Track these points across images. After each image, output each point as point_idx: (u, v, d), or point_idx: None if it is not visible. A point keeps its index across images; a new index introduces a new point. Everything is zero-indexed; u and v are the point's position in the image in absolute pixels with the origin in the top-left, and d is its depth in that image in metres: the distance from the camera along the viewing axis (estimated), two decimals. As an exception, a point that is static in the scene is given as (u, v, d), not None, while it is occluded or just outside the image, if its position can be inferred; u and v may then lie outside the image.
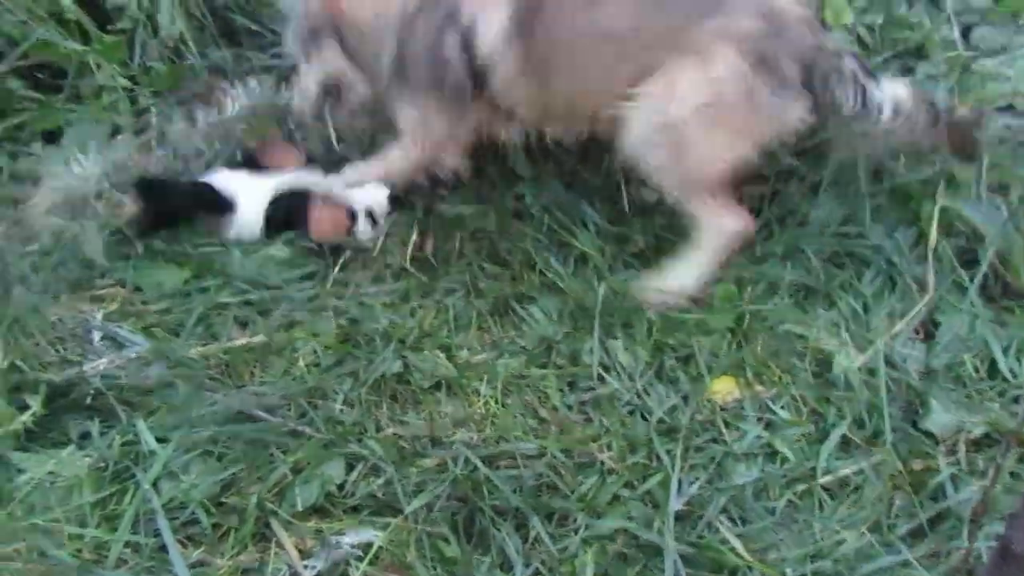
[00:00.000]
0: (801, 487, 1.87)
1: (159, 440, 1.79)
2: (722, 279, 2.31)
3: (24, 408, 1.81)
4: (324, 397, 2.00)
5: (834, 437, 1.96)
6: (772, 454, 1.96)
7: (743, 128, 2.04)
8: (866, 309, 2.25)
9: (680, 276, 2.21)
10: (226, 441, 1.83)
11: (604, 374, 2.13)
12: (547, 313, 2.25)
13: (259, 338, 2.12)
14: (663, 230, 2.43)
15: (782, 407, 2.07)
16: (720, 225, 2.15)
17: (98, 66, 2.89)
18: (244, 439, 1.84)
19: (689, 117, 2.00)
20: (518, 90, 2.14)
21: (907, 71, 2.56)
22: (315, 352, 2.11)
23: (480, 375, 2.10)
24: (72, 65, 2.90)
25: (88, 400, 1.89)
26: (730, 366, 2.16)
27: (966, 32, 2.59)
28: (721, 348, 2.20)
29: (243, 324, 2.19)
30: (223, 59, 3.08)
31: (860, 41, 2.61)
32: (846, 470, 1.91)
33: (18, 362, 1.89)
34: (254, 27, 3.12)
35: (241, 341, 2.13)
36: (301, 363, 2.07)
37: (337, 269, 2.36)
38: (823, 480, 1.88)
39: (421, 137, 2.25)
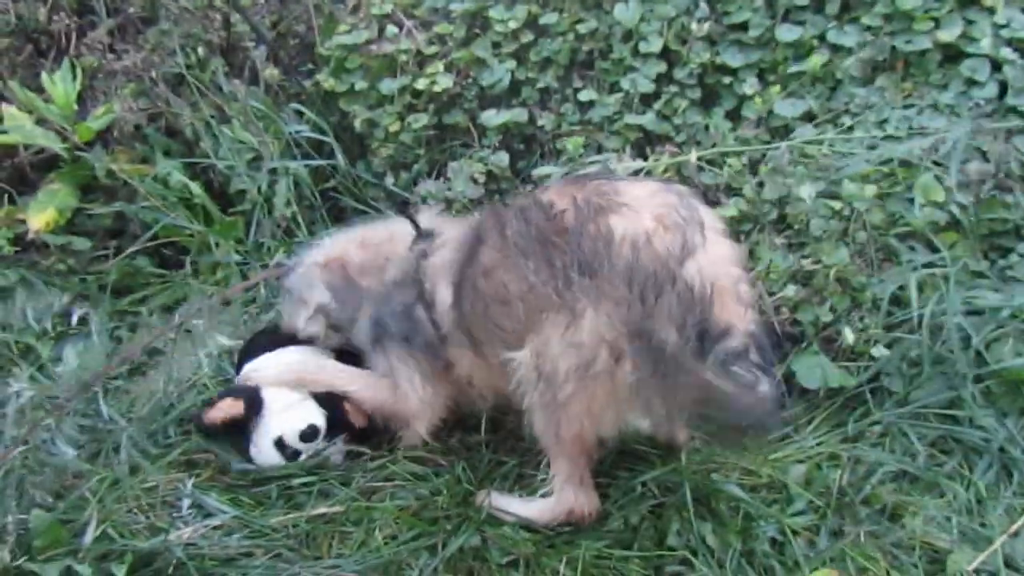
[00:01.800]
0: None
1: (234, 616, 1.78)
2: (812, 458, 2.20)
3: (109, 576, 1.85)
4: (400, 572, 1.96)
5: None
6: (881, 661, 1.78)
7: (614, 394, 1.90)
8: (979, 501, 2.08)
9: (526, 511, 2.12)
10: (299, 619, 1.80)
11: (691, 558, 2.01)
12: (630, 490, 2.17)
13: (337, 508, 2.13)
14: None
15: (890, 607, 1.89)
16: (564, 497, 2.05)
17: (217, 244, 3.17)
18: (317, 617, 1.81)
19: (560, 369, 1.91)
20: (462, 356, 2.24)
21: (1006, 252, 2.49)
22: (393, 523, 2.10)
23: (560, 554, 2.02)
24: (194, 244, 3.19)
25: (170, 570, 1.91)
26: (829, 557, 2.01)
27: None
28: (818, 536, 2.06)
29: (325, 494, 2.21)
30: (329, 236, 3.32)
31: (954, 220, 2.57)
32: None
33: (109, 530, 1.95)
34: (359, 206, 3.36)
35: (320, 510, 2.14)
36: (378, 535, 2.05)
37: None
38: None
39: (390, 388, 2.32)
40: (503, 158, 3.18)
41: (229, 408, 2.27)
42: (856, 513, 2.10)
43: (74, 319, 2.86)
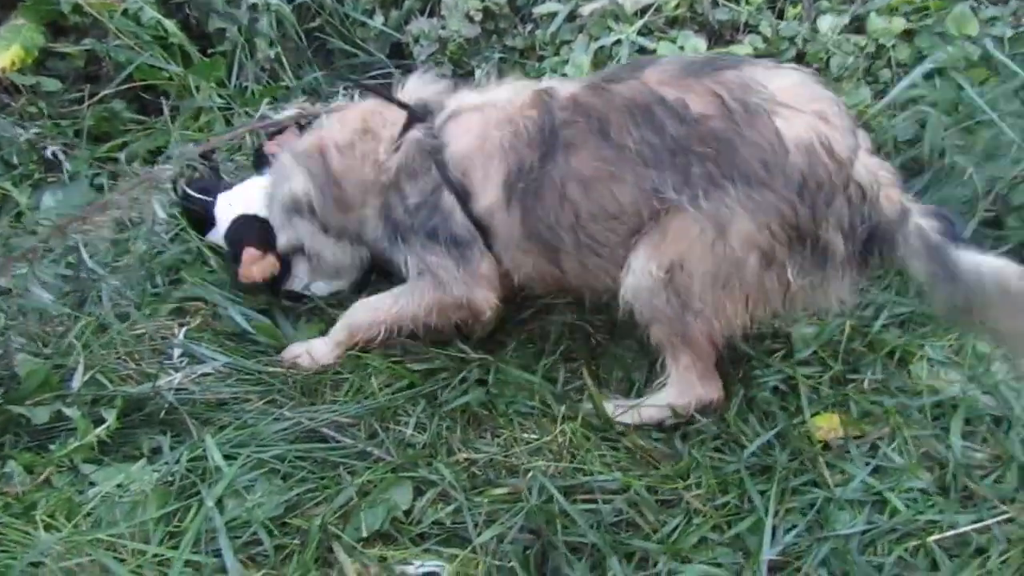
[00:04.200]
0: (914, 542, 1.67)
1: (227, 457, 1.75)
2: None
3: (100, 421, 1.81)
4: (396, 418, 1.93)
5: (954, 488, 1.76)
6: (881, 503, 1.77)
7: (758, 299, 1.80)
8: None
9: (650, 412, 1.94)
10: (293, 460, 1.78)
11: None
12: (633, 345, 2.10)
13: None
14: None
15: (893, 450, 1.87)
16: (691, 390, 1.91)
17: (197, 88, 2.98)
18: (312, 459, 1.79)
19: (696, 281, 1.78)
20: (519, 257, 1.97)
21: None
22: (391, 370, 2.05)
23: (564, 401, 1.99)
24: (173, 87, 3.01)
25: (162, 414, 1.88)
26: (833, 402, 1.97)
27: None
28: (822, 381, 2.02)
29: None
30: (316, 80, 3.14)
31: (986, 56, 2.38)
32: (967, 527, 1.70)
33: (98, 376, 1.90)
34: (347, 47, 3.15)
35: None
36: (374, 382, 2.00)
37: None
38: (939, 537, 1.67)
39: (431, 284, 2.02)
40: (501, -7, 2.96)
41: (267, 268, 2.17)
42: (859, 359, 2.06)
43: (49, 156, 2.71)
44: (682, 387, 1.91)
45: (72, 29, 3.05)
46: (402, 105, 2.06)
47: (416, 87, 2.12)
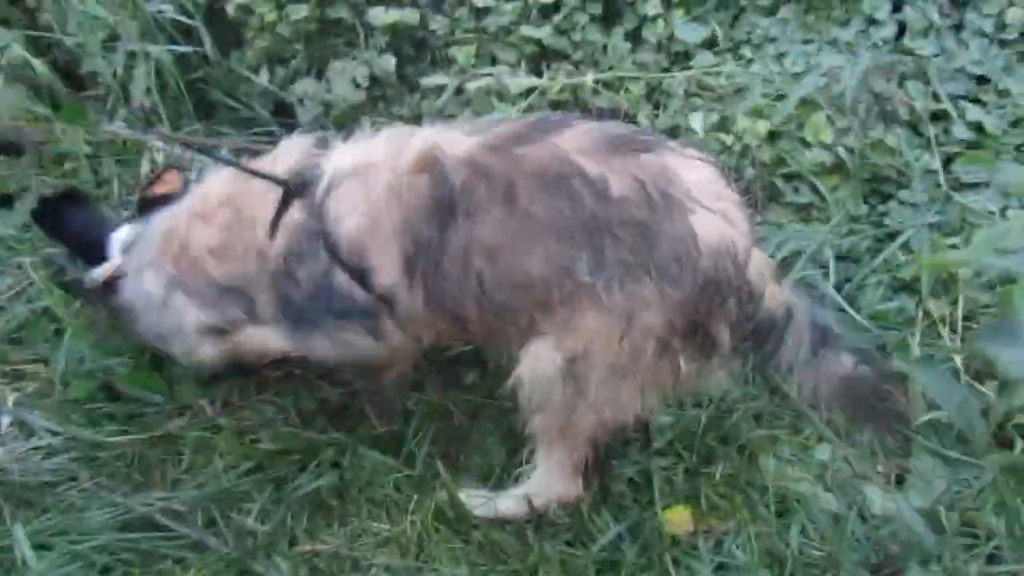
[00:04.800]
0: (752, 643, 1.70)
1: (41, 547, 1.61)
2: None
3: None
4: (239, 504, 1.84)
5: (790, 587, 1.80)
6: (723, 600, 1.80)
7: (652, 386, 1.81)
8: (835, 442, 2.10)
9: (507, 505, 1.94)
10: (118, 551, 1.66)
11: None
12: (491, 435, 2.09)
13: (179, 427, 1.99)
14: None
15: (738, 546, 1.90)
16: (554, 488, 1.92)
17: (63, 132, 2.84)
18: (138, 550, 1.67)
19: (596, 371, 1.75)
20: (426, 325, 1.88)
21: (886, 198, 2.48)
22: (239, 450, 1.96)
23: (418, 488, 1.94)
24: (39, 130, 2.85)
25: (-29, 496, 1.74)
26: (685, 495, 2.00)
27: (947, 163, 2.49)
28: (676, 473, 2.05)
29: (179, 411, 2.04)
30: (196, 132, 3.04)
31: (839, 162, 2.53)
32: (803, 624, 1.75)
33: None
34: (229, 102, 3.08)
35: (160, 431, 1.98)
36: (219, 463, 1.91)
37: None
38: (775, 637, 1.70)
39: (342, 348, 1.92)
40: (390, 61, 2.95)
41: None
42: (714, 451, 2.10)
43: None
44: (546, 483, 1.89)
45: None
46: (276, 180, 1.83)
47: (289, 153, 1.93)
